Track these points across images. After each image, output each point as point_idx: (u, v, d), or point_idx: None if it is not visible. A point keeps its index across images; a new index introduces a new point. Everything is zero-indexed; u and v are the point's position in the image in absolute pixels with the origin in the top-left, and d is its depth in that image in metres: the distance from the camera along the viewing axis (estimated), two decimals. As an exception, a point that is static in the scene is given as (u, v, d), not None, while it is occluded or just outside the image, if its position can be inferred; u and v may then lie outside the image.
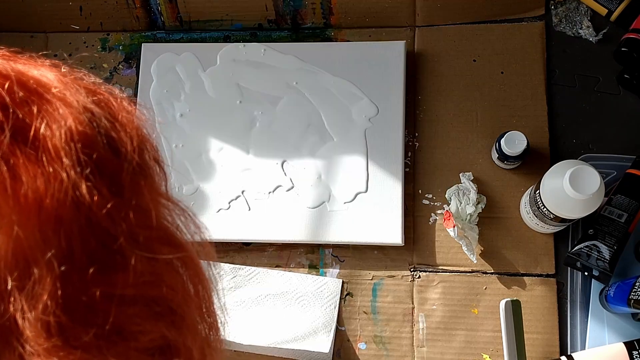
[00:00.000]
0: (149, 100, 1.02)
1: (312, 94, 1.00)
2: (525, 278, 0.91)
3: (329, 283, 0.93)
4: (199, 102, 1.02)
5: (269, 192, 0.97)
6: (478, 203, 0.93)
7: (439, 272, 0.93)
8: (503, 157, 0.91)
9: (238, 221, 0.96)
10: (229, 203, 0.97)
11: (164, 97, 1.02)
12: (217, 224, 0.96)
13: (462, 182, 0.94)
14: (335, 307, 0.92)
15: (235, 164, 0.98)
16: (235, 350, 0.92)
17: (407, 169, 0.97)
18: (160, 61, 1.04)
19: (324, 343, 0.90)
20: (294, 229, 0.94)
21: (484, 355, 0.90)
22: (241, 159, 0.99)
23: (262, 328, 0.92)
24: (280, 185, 0.97)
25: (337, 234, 0.94)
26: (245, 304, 0.93)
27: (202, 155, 0.99)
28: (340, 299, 0.93)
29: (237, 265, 0.95)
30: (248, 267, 0.95)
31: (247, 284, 0.94)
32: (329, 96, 1.00)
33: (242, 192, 0.97)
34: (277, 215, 0.95)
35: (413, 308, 0.92)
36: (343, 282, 0.94)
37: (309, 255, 0.96)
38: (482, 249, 0.93)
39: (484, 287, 0.92)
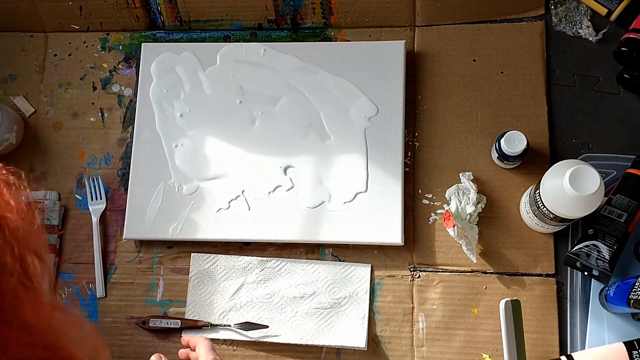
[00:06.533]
0: (149, 100, 1.02)
1: (312, 94, 1.00)
2: (525, 278, 0.91)
3: (358, 269, 0.94)
4: (199, 102, 1.02)
5: (269, 192, 0.97)
6: (478, 203, 0.93)
7: (438, 271, 0.93)
8: (503, 156, 0.91)
9: (238, 221, 0.96)
10: (229, 203, 0.97)
11: (163, 96, 1.02)
12: (217, 223, 0.96)
13: (462, 181, 0.94)
14: (366, 292, 0.92)
15: (235, 164, 0.98)
16: (269, 343, 0.92)
17: (407, 169, 0.97)
18: (160, 61, 1.04)
19: (360, 337, 0.91)
20: (293, 229, 0.94)
21: (484, 355, 0.90)
22: (241, 159, 0.99)
23: (295, 323, 0.92)
24: (280, 185, 0.97)
25: (337, 233, 0.94)
26: (275, 296, 0.94)
27: (202, 155, 0.99)
28: (370, 283, 0.93)
29: (265, 258, 0.95)
30: (275, 259, 0.95)
31: (276, 276, 0.95)
32: (328, 96, 1.00)
33: (242, 191, 0.97)
34: (277, 215, 0.95)
35: (413, 308, 0.92)
36: (372, 267, 0.94)
37: (309, 255, 0.96)
38: (482, 248, 0.93)
39: (484, 287, 0.92)
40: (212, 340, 0.93)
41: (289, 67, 1.01)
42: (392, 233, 0.92)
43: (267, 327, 0.92)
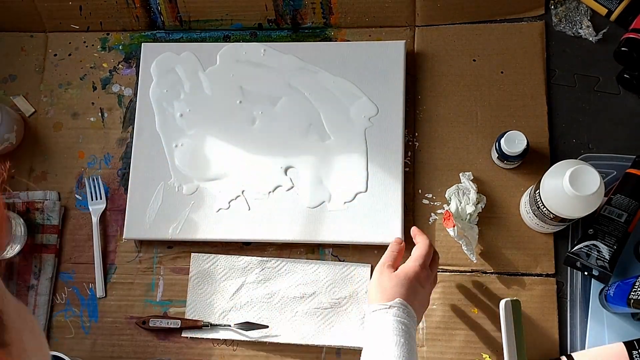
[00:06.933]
0: (149, 100, 1.02)
1: (311, 94, 1.00)
2: (525, 278, 0.91)
3: (358, 269, 0.94)
4: (199, 102, 1.02)
5: (269, 192, 0.97)
6: (478, 203, 0.93)
7: (439, 271, 0.93)
8: (503, 156, 0.91)
9: (238, 221, 0.96)
10: (229, 203, 0.97)
11: (163, 96, 1.02)
12: (217, 223, 0.96)
13: (462, 181, 0.94)
14: (366, 292, 0.92)
15: (235, 164, 0.98)
16: (269, 343, 0.92)
17: (407, 169, 0.97)
18: (160, 61, 1.04)
19: (359, 337, 0.91)
20: (293, 229, 0.94)
21: (484, 355, 0.90)
22: (241, 159, 0.99)
23: (295, 323, 0.92)
24: (280, 185, 0.97)
25: (337, 233, 0.94)
26: (275, 296, 0.93)
27: (202, 155, 0.99)
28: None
29: (265, 258, 0.95)
30: (275, 259, 0.95)
31: (276, 276, 0.94)
32: (328, 96, 1.00)
33: (242, 191, 0.97)
34: (276, 215, 0.95)
35: (413, 308, 0.92)
36: (372, 267, 0.94)
37: (309, 255, 0.96)
38: (482, 248, 0.93)
39: (484, 287, 0.92)
40: (212, 340, 0.93)
41: (289, 67, 1.01)
42: (392, 233, 0.92)
43: (267, 327, 0.92)
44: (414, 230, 0.86)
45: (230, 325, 0.92)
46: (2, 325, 0.38)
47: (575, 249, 0.88)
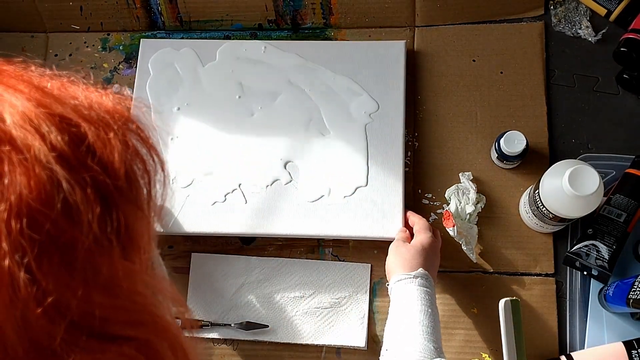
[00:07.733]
0: (146, 94, 1.02)
1: (311, 90, 1.00)
2: (524, 277, 0.92)
3: (358, 268, 0.94)
4: (196, 96, 1.01)
5: (267, 186, 0.96)
6: (477, 203, 0.93)
7: (439, 271, 0.93)
8: (502, 156, 0.92)
9: (234, 214, 0.95)
10: (225, 196, 0.96)
11: (161, 90, 1.01)
12: (212, 216, 0.95)
13: (461, 181, 0.95)
14: (366, 292, 0.92)
15: (232, 157, 0.98)
16: (269, 342, 0.92)
17: (407, 169, 0.97)
18: (159, 56, 1.03)
19: (359, 336, 0.91)
20: (291, 223, 0.94)
21: (484, 355, 0.90)
22: (238, 152, 0.98)
23: (295, 323, 0.92)
24: (278, 179, 0.96)
25: (336, 228, 0.93)
26: (275, 296, 0.93)
27: (198, 148, 0.98)
28: (370, 282, 0.94)
29: (265, 258, 0.95)
30: (275, 259, 0.95)
31: (276, 275, 0.94)
32: (328, 92, 0.99)
33: (239, 185, 0.96)
34: (274, 208, 0.95)
35: (413, 307, 0.92)
36: (372, 267, 0.94)
37: (309, 255, 0.96)
38: (482, 248, 0.93)
39: (484, 287, 0.92)
40: (212, 340, 0.93)
41: (289, 64, 1.01)
42: (392, 227, 0.92)
43: (267, 326, 0.92)
44: (407, 214, 0.91)
45: (230, 325, 0.93)
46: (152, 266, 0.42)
47: (574, 248, 0.88)
